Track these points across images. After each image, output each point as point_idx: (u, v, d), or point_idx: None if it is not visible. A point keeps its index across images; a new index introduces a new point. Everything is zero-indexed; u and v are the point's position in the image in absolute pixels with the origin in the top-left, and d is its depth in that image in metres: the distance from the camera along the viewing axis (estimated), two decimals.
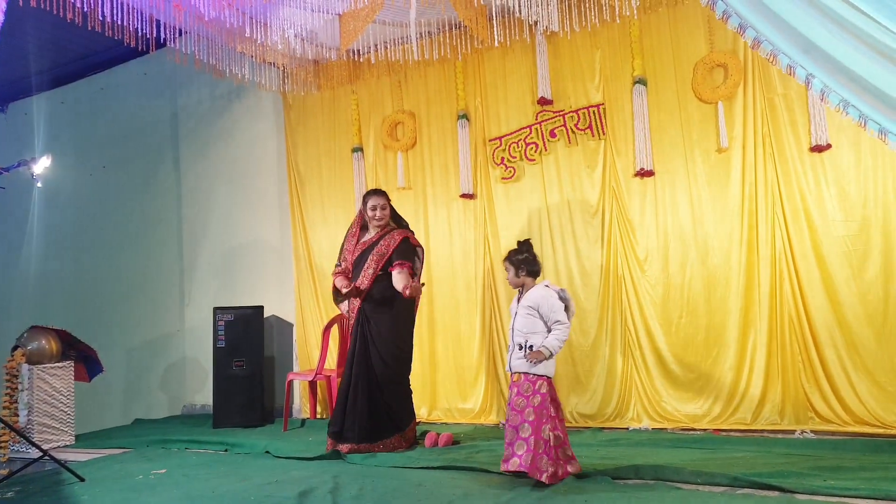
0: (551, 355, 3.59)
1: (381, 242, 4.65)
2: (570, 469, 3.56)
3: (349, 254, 4.78)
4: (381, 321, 4.58)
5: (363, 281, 4.59)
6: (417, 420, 4.90)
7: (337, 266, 4.82)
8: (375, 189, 4.88)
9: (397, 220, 4.87)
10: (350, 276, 4.74)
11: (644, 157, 4.97)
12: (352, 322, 4.70)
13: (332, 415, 4.67)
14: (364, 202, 4.79)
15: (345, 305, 4.87)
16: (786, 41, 2.76)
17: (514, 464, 3.49)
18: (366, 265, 4.61)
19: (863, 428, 4.25)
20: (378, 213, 4.69)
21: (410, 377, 4.77)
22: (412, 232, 4.84)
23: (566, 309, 3.67)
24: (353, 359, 4.60)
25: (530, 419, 3.51)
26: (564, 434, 3.60)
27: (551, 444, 3.49)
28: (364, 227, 4.82)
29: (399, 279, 4.45)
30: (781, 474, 3.36)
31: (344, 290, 4.59)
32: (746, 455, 3.92)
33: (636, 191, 5.04)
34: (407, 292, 4.37)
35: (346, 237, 4.90)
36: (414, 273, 4.63)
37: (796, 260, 4.53)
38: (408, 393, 4.73)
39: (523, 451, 3.48)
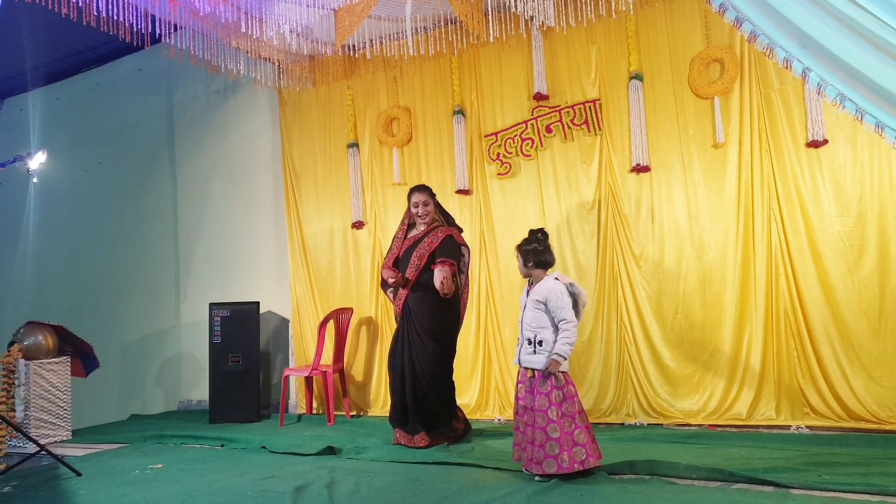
0: (566, 359, 3.53)
1: (426, 239, 4.65)
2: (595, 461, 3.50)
3: (397, 248, 4.80)
4: (422, 315, 4.58)
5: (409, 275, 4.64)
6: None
7: (385, 260, 4.87)
8: (418, 186, 4.84)
9: (445, 217, 4.85)
10: (397, 269, 4.79)
11: (640, 152, 4.96)
12: (398, 314, 4.72)
13: (392, 406, 4.68)
14: (408, 199, 4.78)
15: (392, 296, 4.86)
16: (783, 35, 2.76)
17: (550, 465, 3.42)
18: (411, 260, 4.64)
19: (858, 423, 4.26)
20: (421, 209, 4.69)
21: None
22: (459, 229, 4.85)
23: (577, 303, 3.59)
24: (398, 351, 4.63)
25: (554, 418, 3.45)
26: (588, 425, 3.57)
27: (586, 435, 3.47)
28: (413, 224, 4.81)
29: (438, 275, 4.45)
30: (776, 469, 3.38)
31: (391, 280, 4.63)
32: (741, 450, 3.93)
33: (632, 186, 5.04)
34: (442, 288, 4.38)
35: (396, 232, 4.91)
36: (460, 271, 4.67)
37: (792, 255, 4.53)
38: (446, 390, 4.65)
39: (557, 451, 3.42)
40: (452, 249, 4.62)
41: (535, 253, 3.69)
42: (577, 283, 3.66)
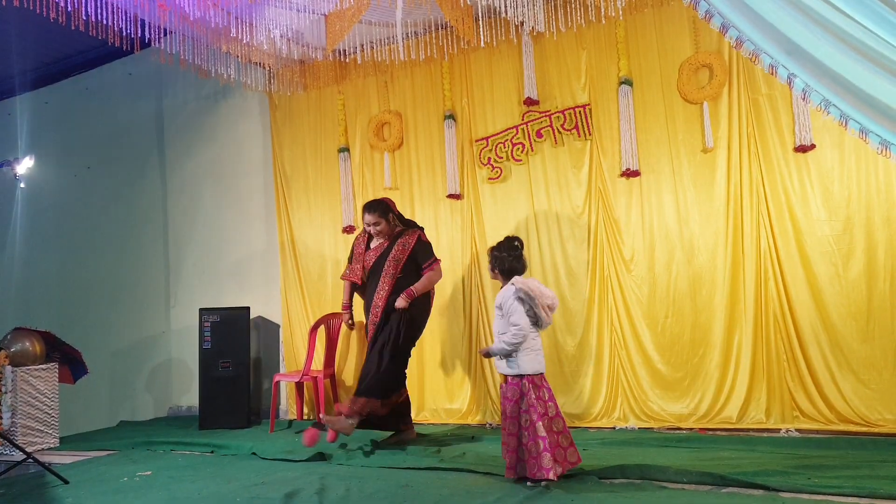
0: (494, 356, 3.65)
1: (397, 246, 4.76)
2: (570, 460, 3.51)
3: (360, 260, 4.89)
4: (403, 313, 4.67)
5: (380, 292, 4.73)
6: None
7: (350, 272, 4.96)
8: (368, 204, 4.87)
9: (404, 221, 4.94)
10: (361, 280, 4.88)
11: (630, 157, 4.98)
12: (379, 312, 4.75)
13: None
14: (362, 215, 4.88)
15: (349, 299, 5.09)
16: (768, 41, 2.78)
17: (536, 470, 3.42)
18: (383, 271, 4.73)
19: (847, 426, 4.28)
20: (373, 229, 4.79)
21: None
22: (422, 229, 4.94)
23: (534, 307, 3.54)
24: (376, 335, 4.73)
25: (525, 424, 3.49)
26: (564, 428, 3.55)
27: (549, 442, 3.45)
28: (371, 236, 4.90)
29: (429, 280, 4.76)
30: (766, 473, 3.38)
31: (347, 326, 5.11)
32: (732, 454, 3.94)
33: (622, 191, 5.05)
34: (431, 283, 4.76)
35: (353, 244, 5.00)
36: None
37: (781, 259, 4.56)
38: (398, 366, 4.75)
39: (526, 456, 3.47)
40: (428, 250, 4.82)
41: (502, 261, 3.73)
42: (536, 287, 3.60)
